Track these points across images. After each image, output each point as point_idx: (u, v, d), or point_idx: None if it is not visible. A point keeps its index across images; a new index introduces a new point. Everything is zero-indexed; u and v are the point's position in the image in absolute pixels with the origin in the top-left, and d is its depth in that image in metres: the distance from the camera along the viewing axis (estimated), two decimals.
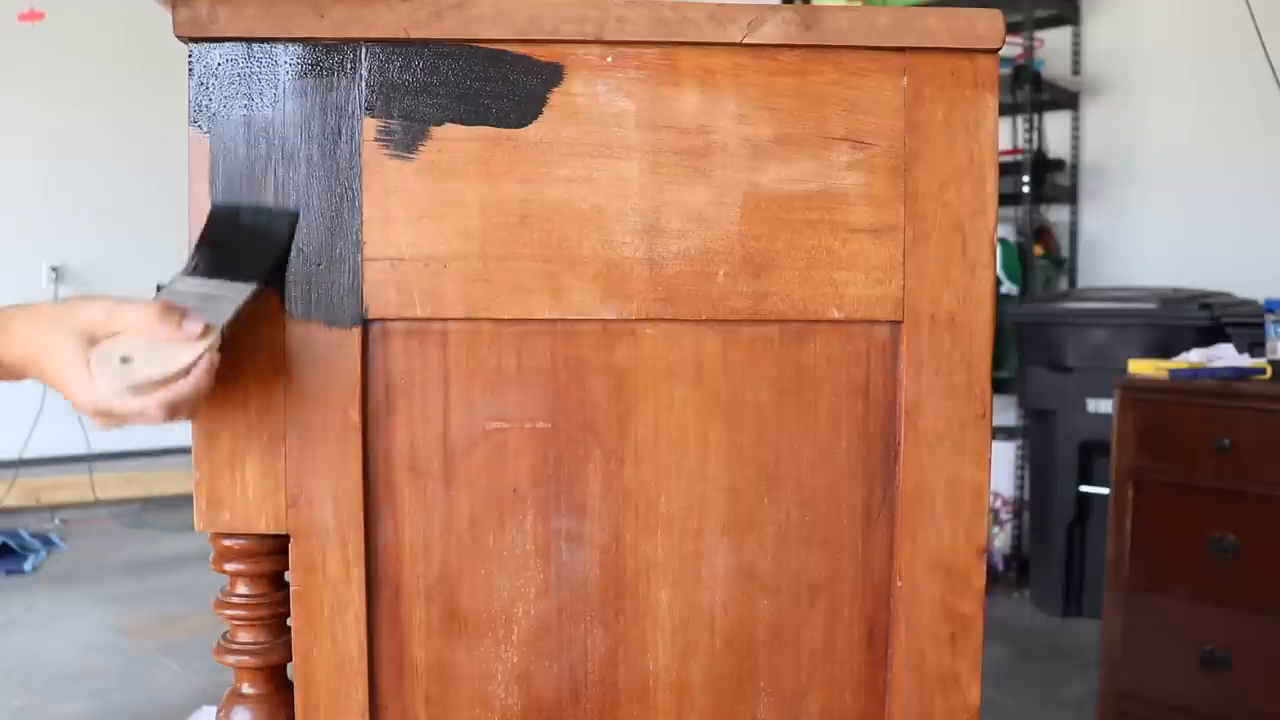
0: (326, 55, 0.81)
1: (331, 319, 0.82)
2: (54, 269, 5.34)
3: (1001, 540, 3.80)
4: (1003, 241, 3.70)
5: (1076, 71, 3.91)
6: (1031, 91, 3.68)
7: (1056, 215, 3.97)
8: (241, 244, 0.80)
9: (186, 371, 0.73)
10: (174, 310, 0.74)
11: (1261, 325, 2.47)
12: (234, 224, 0.81)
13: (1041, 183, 3.78)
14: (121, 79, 5.31)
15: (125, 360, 0.73)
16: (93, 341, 0.75)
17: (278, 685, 0.86)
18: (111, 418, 0.75)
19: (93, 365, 0.74)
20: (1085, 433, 3.29)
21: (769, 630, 0.86)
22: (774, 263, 0.84)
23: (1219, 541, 2.29)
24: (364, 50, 0.81)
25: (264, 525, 0.82)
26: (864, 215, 0.84)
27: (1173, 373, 2.41)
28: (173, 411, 0.74)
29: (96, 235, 5.40)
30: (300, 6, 0.80)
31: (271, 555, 0.84)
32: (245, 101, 0.81)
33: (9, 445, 4.98)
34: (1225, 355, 2.52)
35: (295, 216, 0.82)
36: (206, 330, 0.74)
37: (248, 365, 0.81)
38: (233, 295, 0.77)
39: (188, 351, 0.73)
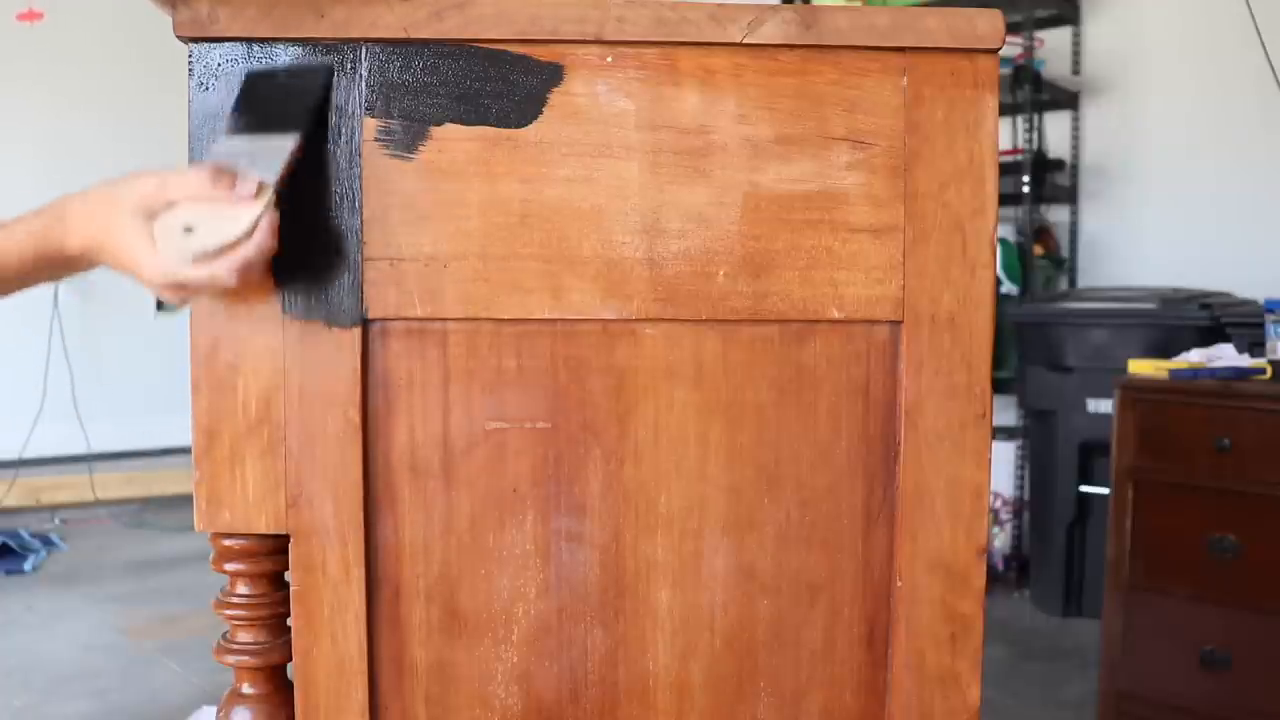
0: (326, 55, 0.81)
1: (331, 319, 0.82)
2: None
3: (1001, 540, 3.80)
4: (1003, 241, 3.70)
5: (1076, 71, 3.91)
6: (1031, 91, 3.68)
7: (1056, 215, 3.97)
8: (276, 99, 0.79)
9: (250, 233, 0.73)
10: (225, 173, 0.74)
11: (1261, 325, 2.47)
12: (268, 83, 0.81)
13: (1041, 183, 3.77)
14: (121, 79, 5.30)
15: (188, 230, 0.73)
16: (151, 216, 0.74)
17: (278, 685, 0.86)
18: (184, 289, 0.75)
19: (157, 239, 0.73)
20: (1085, 433, 3.29)
21: (769, 630, 0.86)
22: (774, 263, 0.84)
23: (1219, 541, 2.29)
24: (364, 50, 0.81)
25: (264, 525, 0.82)
26: (864, 215, 0.84)
27: (1173, 373, 2.41)
28: (244, 274, 0.74)
29: None
30: (300, 6, 0.80)
31: (271, 555, 0.84)
32: None
33: (9, 445, 4.98)
34: (1225, 355, 2.52)
35: (330, 69, 0.81)
36: (260, 189, 0.73)
37: (248, 366, 0.81)
38: (278, 148, 0.76)
39: (247, 213, 0.73)
